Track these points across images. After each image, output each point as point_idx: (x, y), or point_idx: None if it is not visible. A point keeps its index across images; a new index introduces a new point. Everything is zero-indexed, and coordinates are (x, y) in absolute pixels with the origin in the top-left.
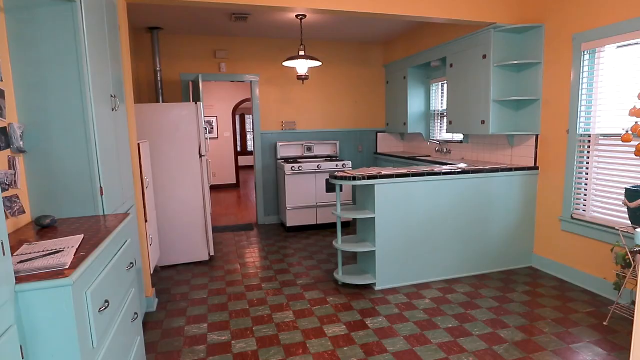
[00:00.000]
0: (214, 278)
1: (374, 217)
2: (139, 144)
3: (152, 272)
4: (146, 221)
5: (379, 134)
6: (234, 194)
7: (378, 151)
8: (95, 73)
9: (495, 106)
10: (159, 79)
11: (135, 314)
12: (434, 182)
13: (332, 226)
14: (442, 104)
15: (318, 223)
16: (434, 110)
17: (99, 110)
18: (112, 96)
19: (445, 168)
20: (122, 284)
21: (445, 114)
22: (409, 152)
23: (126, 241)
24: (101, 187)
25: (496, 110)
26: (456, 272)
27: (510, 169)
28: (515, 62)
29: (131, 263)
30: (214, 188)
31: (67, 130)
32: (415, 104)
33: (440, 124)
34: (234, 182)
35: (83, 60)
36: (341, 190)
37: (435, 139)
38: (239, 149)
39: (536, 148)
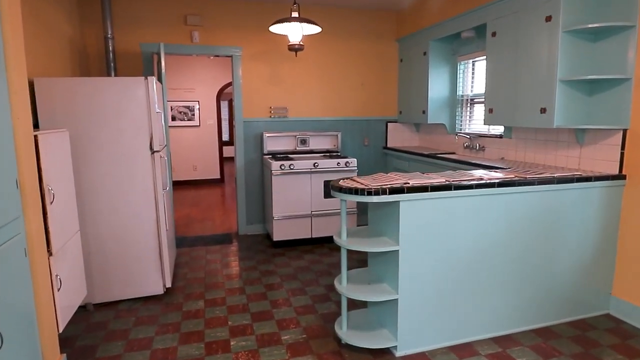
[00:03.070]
0: (165, 327)
1: (397, 251)
2: (36, 137)
3: (61, 330)
4: (51, 254)
5: (389, 124)
6: (217, 191)
7: (388, 145)
8: None
9: (563, 88)
10: (110, 48)
11: None
12: (483, 198)
13: (331, 240)
14: (472, 86)
15: (313, 237)
16: (462, 95)
17: None
18: None
19: (495, 175)
20: None
21: (475, 99)
22: (427, 147)
23: None
24: None
25: (564, 95)
26: (509, 325)
27: (588, 178)
28: (596, 25)
29: None
30: (194, 184)
31: None
32: (437, 87)
33: (470, 113)
34: (218, 176)
35: None
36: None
37: (462, 131)
38: (225, 139)
39: (622, 148)
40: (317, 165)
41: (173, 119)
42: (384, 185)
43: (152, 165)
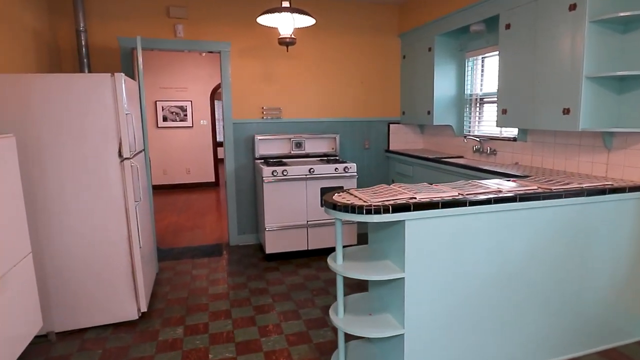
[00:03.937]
0: None
1: (403, 278)
2: None
3: None
4: None
5: (391, 125)
6: (211, 195)
7: (390, 148)
8: None
9: (590, 86)
10: (82, 42)
11: None
12: (502, 214)
13: (329, 252)
14: (481, 85)
15: (309, 249)
16: (470, 95)
17: None
18: None
19: (513, 186)
20: None
21: (485, 99)
22: (433, 150)
23: None
24: None
25: (590, 93)
26: (533, 358)
27: (621, 189)
28: (628, 13)
29: None
30: (187, 188)
31: None
32: (443, 85)
33: (480, 114)
34: (212, 179)
35: None
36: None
37: (471, 133)
38: (220, 139)
39: None
40: (313, 171)
41: (164, 119)
42: (386, 201)
43: (121, 174)
